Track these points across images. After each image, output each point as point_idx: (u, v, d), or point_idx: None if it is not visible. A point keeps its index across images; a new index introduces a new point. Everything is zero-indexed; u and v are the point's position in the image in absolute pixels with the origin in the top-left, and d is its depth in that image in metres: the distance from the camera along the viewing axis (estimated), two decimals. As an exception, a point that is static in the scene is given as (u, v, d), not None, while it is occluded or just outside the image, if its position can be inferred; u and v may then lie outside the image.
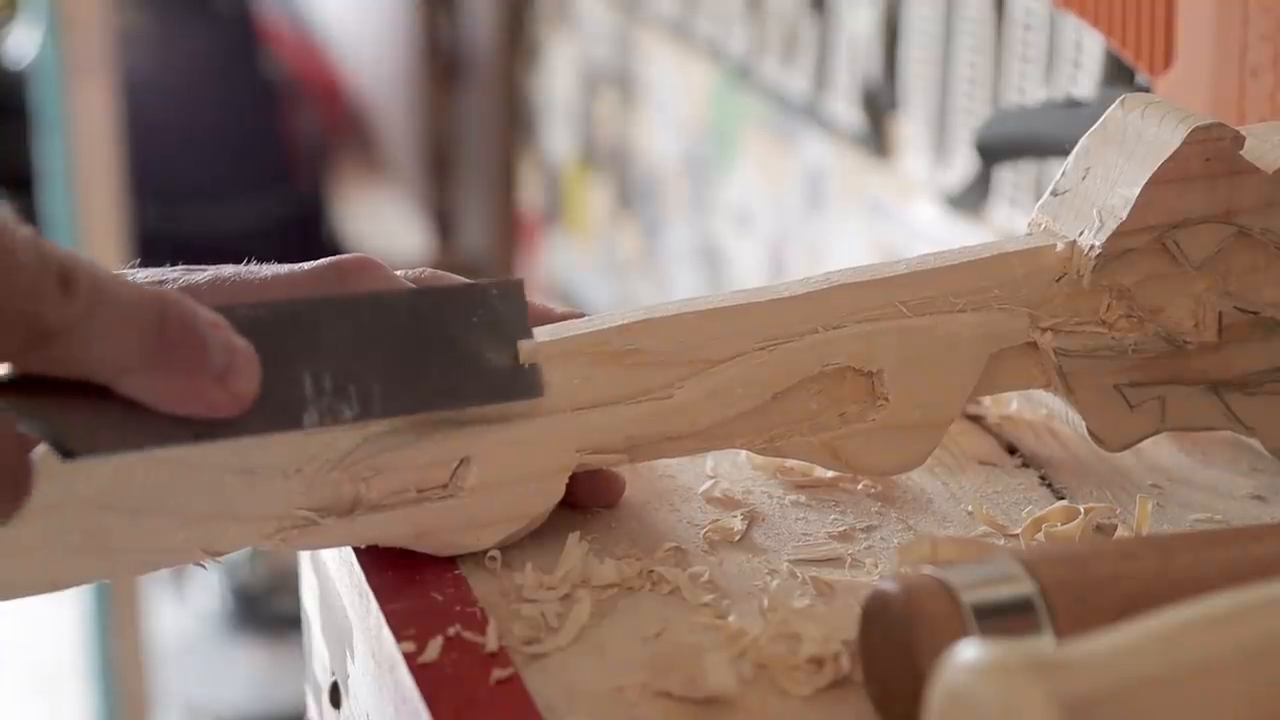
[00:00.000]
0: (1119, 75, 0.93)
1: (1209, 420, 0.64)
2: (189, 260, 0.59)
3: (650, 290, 1.71)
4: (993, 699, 0.39)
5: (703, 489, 0.63)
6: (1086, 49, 0.97)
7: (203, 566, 0.56)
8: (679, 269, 1.64)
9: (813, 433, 0.61)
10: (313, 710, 0.67)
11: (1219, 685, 0.40)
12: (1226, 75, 0.74)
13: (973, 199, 1.10)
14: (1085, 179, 0.62)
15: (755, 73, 1.42)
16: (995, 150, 0.99)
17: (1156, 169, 0.60)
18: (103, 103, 1.82)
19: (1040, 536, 0.60)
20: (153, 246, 1.71)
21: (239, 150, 2.63)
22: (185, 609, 2.31)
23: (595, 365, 0.58)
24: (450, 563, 0.58)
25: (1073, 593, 0.48)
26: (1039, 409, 0.69)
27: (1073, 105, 0.93)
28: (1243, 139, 0.61)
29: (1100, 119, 0.63)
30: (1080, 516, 0.60)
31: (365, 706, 0.58)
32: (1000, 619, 0.47)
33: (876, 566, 0.59)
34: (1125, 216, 0.60)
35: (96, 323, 0.44)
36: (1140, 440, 0.64)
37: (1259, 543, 0.52)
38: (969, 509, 0.62)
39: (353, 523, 0.56)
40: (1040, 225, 0.64)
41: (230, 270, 0.57)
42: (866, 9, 1.23)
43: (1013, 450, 0.67)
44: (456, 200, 2.40)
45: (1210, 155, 0.60)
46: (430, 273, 0.60)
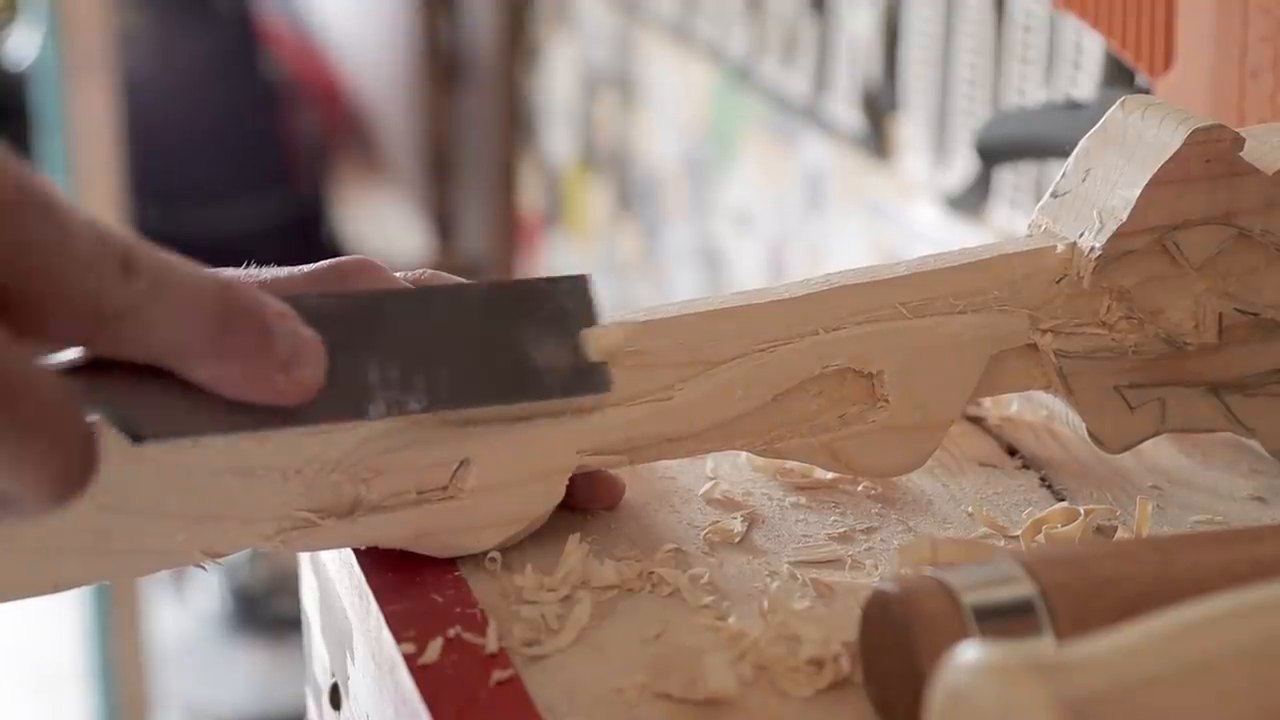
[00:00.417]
0: (1119, 77, 0.93)
1: (1209, 422, 0.64)
2: (188, 262, 0.59)
3: (650, 292, 1.71)
4: (993, 700, 0.39)
5: (703, 490, 0.63)
6: (1086, 50, 0.97)
7: (203, 568, 0.56)
8: (679, 270, 1.64)
9: (813, 434, 0.61)
10: (313, 712, 0.67)
11: (1220, 686, 0.40)
12: (1226, 77, 0.74)
13: (973, 200, 1.10)
14: (1085, 180, 0.62)
15: (755, 74, 1.42)
16: (995, 152, 0.99)
17: (1157, 170, 0.60)
18: (102, 104, 1.82)
19: (1040, 538, 0.60)
20: (153, 248, 1.70)
21: (239, 151, 2.63)
22: (185, 610, 2.31)
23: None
24: (450, 564, 0.58)
25: (1073, 594, 0.48)
26: (1039, 410, 0.69)
27: (1073, 107, 0.93)
28: (1243, 140, 0.61)
29: (1100, 120, 0.63)
30: (1080, 518, 0.60)
31: (365, 708, 0.58)
32: (1000, 620, 0.47)
33: (877, 568, 0.59)
34: (1125, 218, 0.60)
35: (159, 306, 0.44)
36: (1140, 442, 0.64)
37: (1259, 544, 0.52)
38: (969, 510, 0.62)
39: (353, 524, 0.56)
40: (1040, 227, 0.64)
41: (229, 272, 0.57)
42: (866, 10, 1.23)
43: (1013, 452, 0.67)
44: (456, 202, 2.40)
45: (1210, 157, 0.60)
46: (430, 273, 0.60)
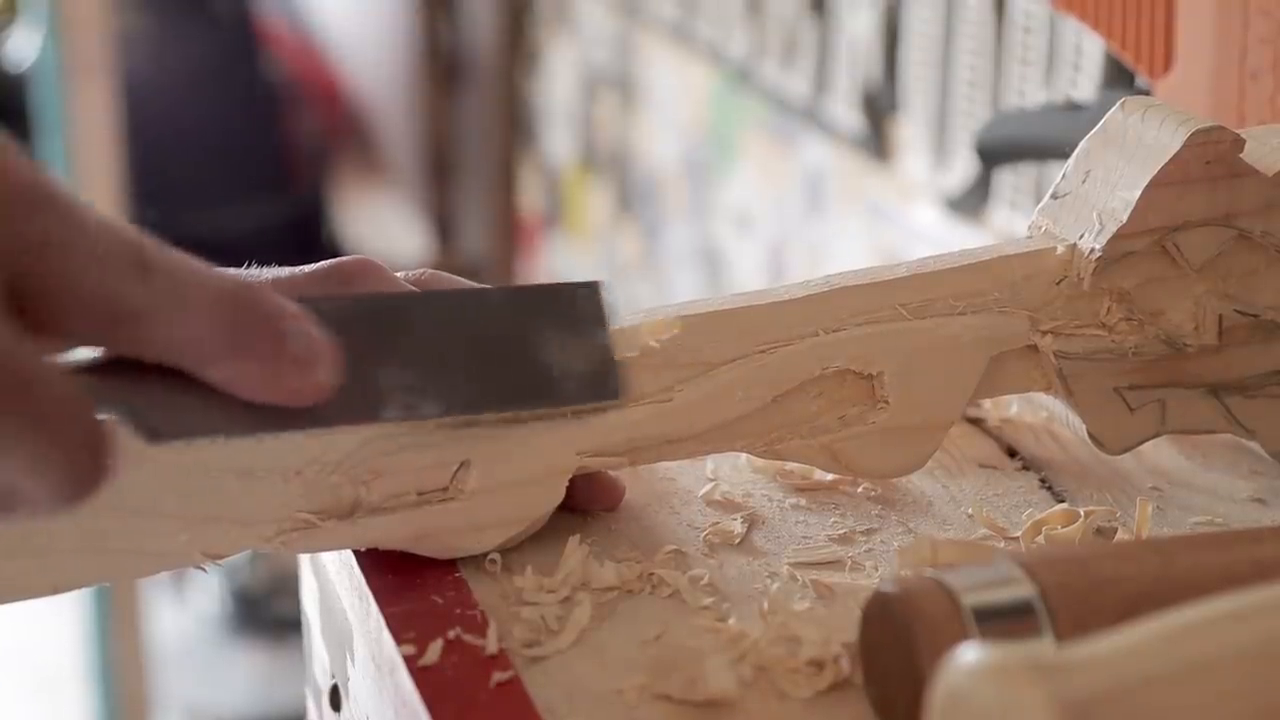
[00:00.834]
0: (1119, 78, 0.93)
1: (1209, 423, 0.64)
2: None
3: (650, 293, 1.71)
4: (993, 701, 0.39)
5: (703, 492, 0.63)
6: (1086, 52, 0.97)
7: (203, 569, 0.56)
8: (679, 271, 1.64)
9: (813, 435, 0.61)
10: (313, 713, 0.67)
11: (1220, 687, 0.40)
12: (1226, 78, 0.74)
13: (973, 202, 1.10)
14: (1085, 182, 0.62)
15: (755, 75, 1.42)
16: (995, 153, 0.99)
17: (1157, 172, 0.60)
18: (102, 105, 1.82)
19: (1040, 539, 0.60)
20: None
21: (239, 153, 2.63)
22: (185, 611, 2.31)
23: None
24: (450, 565, 0.58)
25: (1073, 595, 0.48)
26: (1039, 412, 0.69)
27: (1073, 108, 0.93)
28: (1242, 142, 0.61)
29: (1100, 122, 0.63)
30: (1080, 519, 0.60)
31: (365, 709, 0.58)
32: (1000, 621, 0.47)
33: (876, 569, 0.59)
34: (1125, 219, 0.60)
35: (174, 306, 0.44)
36: (1140, 443, 0.64)
37: (1259, 545, 0.52)
38: (969, 512, 0.62)
39: (353, 525, 0.56)
40: (1040, 228, 0.64)
41: (230, 273, 0.57)
42: (866, 11, 1.23)
43: (1013, 453, 0.67)
44: (456, 203, 2.40)
45: (1210, 158, 0.60)
46: (431, 274, 0.60)
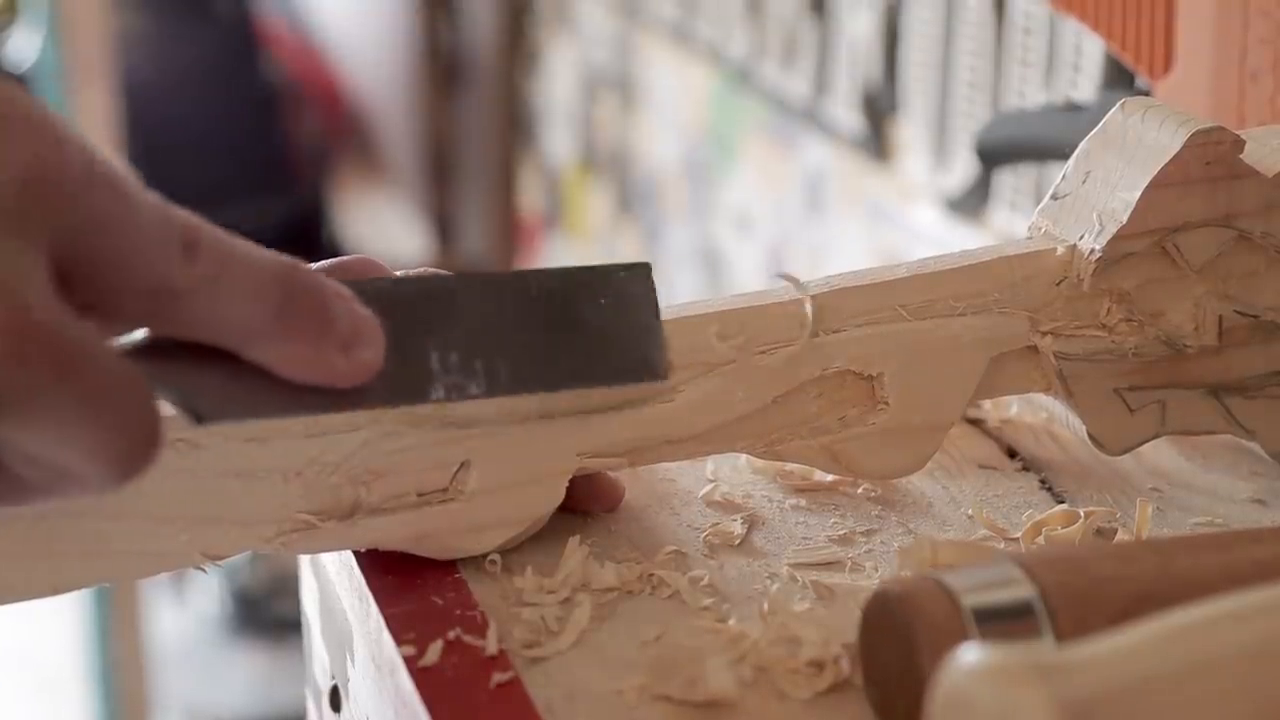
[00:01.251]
0: (1119, 79, 0.93)
1: (1209, 424, 0.64)
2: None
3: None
4: (993, 702, 0.39)
5: (703, 492, 0.63)
6: (1086, 52, 0.97)
7: (203, 570, 0.56)
8: (679, 272, 1.64)
9: (813, 436, 0.61)
10: (313, 714, 0.67)
11: (1220, 687, 0.40)
12: (1226, 79, 0.74)
13: (973, 202, 1.10)
14: (1085, 183, 0.62)
15: (755, 76, 1.42)
16: (995, 154, 0.99)
17: (1157, 173, 0.60)
18: (102, 106, 1.82)
19: (1040, 540, 0.60)
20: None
21: (239, 153, 2.63)
22: (185, 612, 2.31)
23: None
24: (450, 566, 0.58)
25: (1073, 596, 0.48)
26: (1039, 412, 0.69)
27: (1073, 109, 0.93)
28: (1242, 143, 0.61)
29: (1100, 123, 0.63)
30: (1080, 520, 0.60)
31: (365, 710, 0.58)
32: (1000, 622, 0.47)
33: (876, 570, 0.59)
34: (1125, 220, 0.60)
35: (221, 285, 0.44)
36: (1140, 444, 0.64)
37: (1259, 546, 0.52)
38: (969, 512, 0.62)
39: (353, 526, 0.56)
40: (1040, 229, 0.64)
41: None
42: (866, 12, 1.23)
43: (1013, 454, 0.67)
44: (457, 204, 2.40)
45: (1210, 159, 0.60)
46: (432, 273, 0.60)
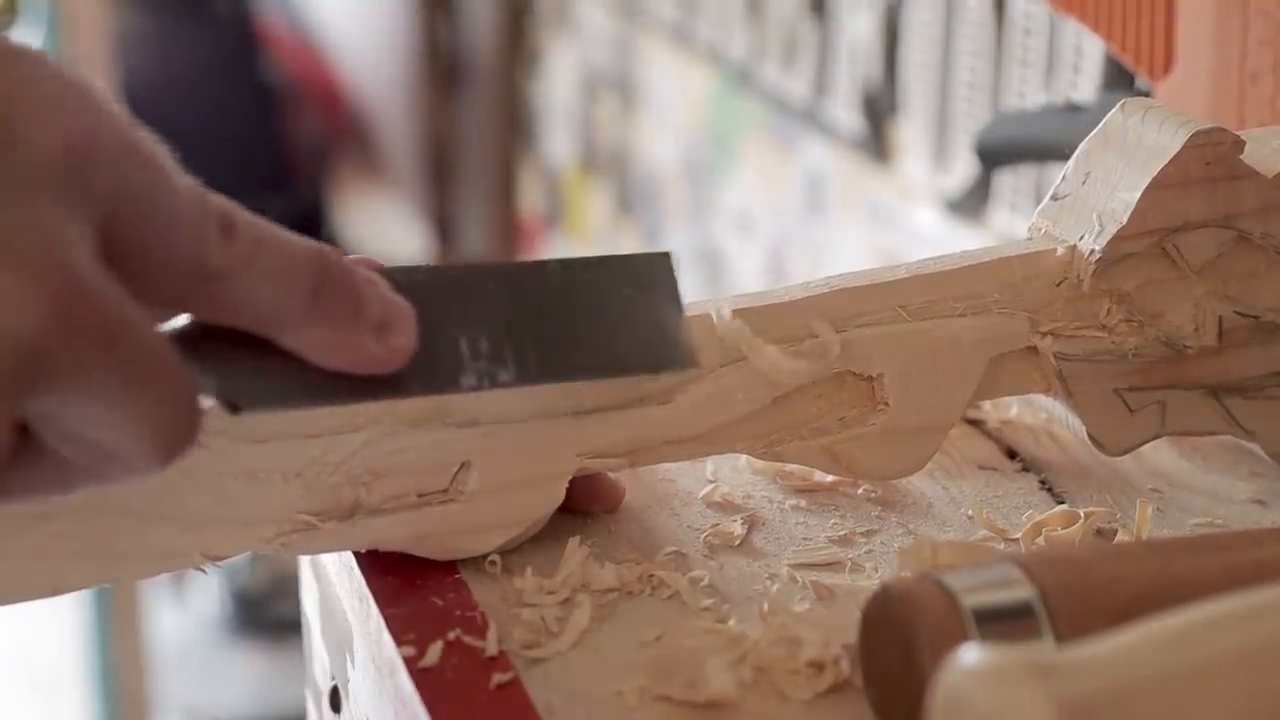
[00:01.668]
0: (1119, 80, 0.93)
1: (1209, 424, 0.64)
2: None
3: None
4: (993, 702, 0.39)
5: (703, 493, 0.63)
6: (1086, 53, 0.97)
7: (203, 570, 0.56)
8: (679, 273, 1.64)
9: (813, 437, 0.61)
10: (313, 714, 0.67)
11: (1219, 688, 0.40)
12: (1226, 80, 0.74)
13: (973, 203, 1.10)
14: (1085, 183, 0.62)
15: (755, 77, 1.42)
16: (995, 155, 0.99)
17: (1156, 173, 0.60)
18: (103, 107, 1.81)
19: (1040, 541, 0.60)
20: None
21: (238, 154, 2.63)
22: (185, 613, 2.31)
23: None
24: (450, 567, 0.58)
25: (1073, 596, 0.48)
26: (1039, 413, 0.69)
27: (1072, 110, 0.93)
28: (1242, 143, 0.61)
29: (1100, 123, 0.63)
30: (1080, 521, 0.60)
31: (365, 711, 0.58)
32: (1000, 623, 0.47)
33: (876, 570, 0.59)
34: (1125, 221, 0.60)
35: (256, 269, 0.44)
36: (1140, 444, 0.64)
37: (1259, 547, 0.52)
38: (969, 513, 0.62)
39: (353, 527, 0.56)
40: (1040, 230, 0.64)
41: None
42: (866, 13, 1.23)
43: (1013, 454, 0.67)
44: (456, 204, 2.40)
45: (1210, 160, 0.60)
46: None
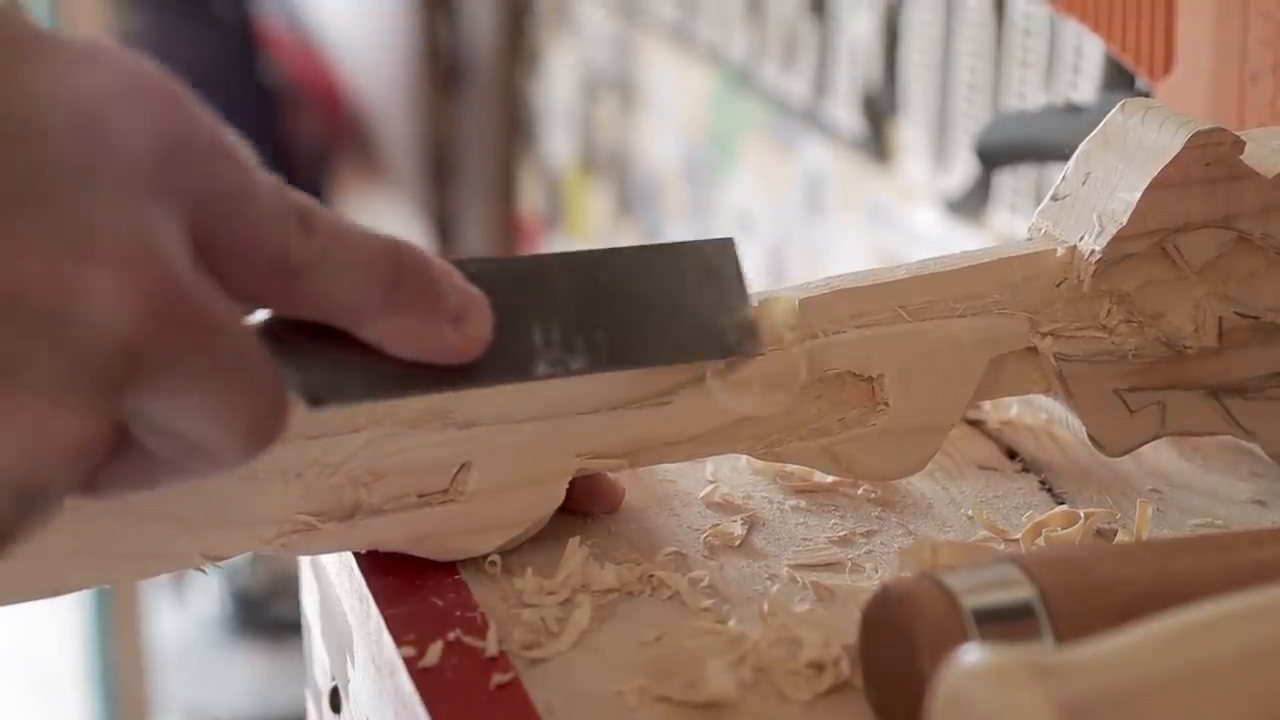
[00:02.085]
0: (1119, 80, 0.93)
1: (1209, 425, 0.64)
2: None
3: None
4: (993, 703, 0.39)
5: (703, 494, 0.63)
6: (1086, 54, 0.97)
7: (203, 571, 0.56)
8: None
9: (813, 437, 0.61)
10: (313, 715, 0.67)
11: (1219, 689, 0.40)
12: (1226, 80, 0.74)
13: (973, 204, 1.10)
14: (1085, 184, 0.62)
15: (755, 77, 1.42)
16: (995, 155, 0.99)
17: (1157, 174, 0.60)
18: (103, 107, 1.82)
19: (1040, 541, 0.60)
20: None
21: (239, 155, 2.62)
22: (185, 613, 2.31)
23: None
24: (450, 567, 0.58)
25: (1073, 597, 0.48)
26: (1039, 414, 0.69)
27: (1073, 110, 0.93)
28: (1242, 144, 0.61)
29: (1100, 124, 0.63)
30: (1080, 521, 0.60)
31: (365, 711, 0.58)
32: (1000, 623, 0.47)
33: (876, 571, 0.59)
34: (1125, 221, 0.60)
35: (335, 262, 0.44)
36: (1140, 445, 0.64)
37: (1259, 547, 0.52)
38: (969, 513, 0.62)
39: (353, 527, 0.56)
40: (1040, 230, 0.64)
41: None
42: (867, 13, 1.23)
43: (1013, 455, 0.67)
44: (456, 205, 2.40)
45: (1210, 160, 0.60)
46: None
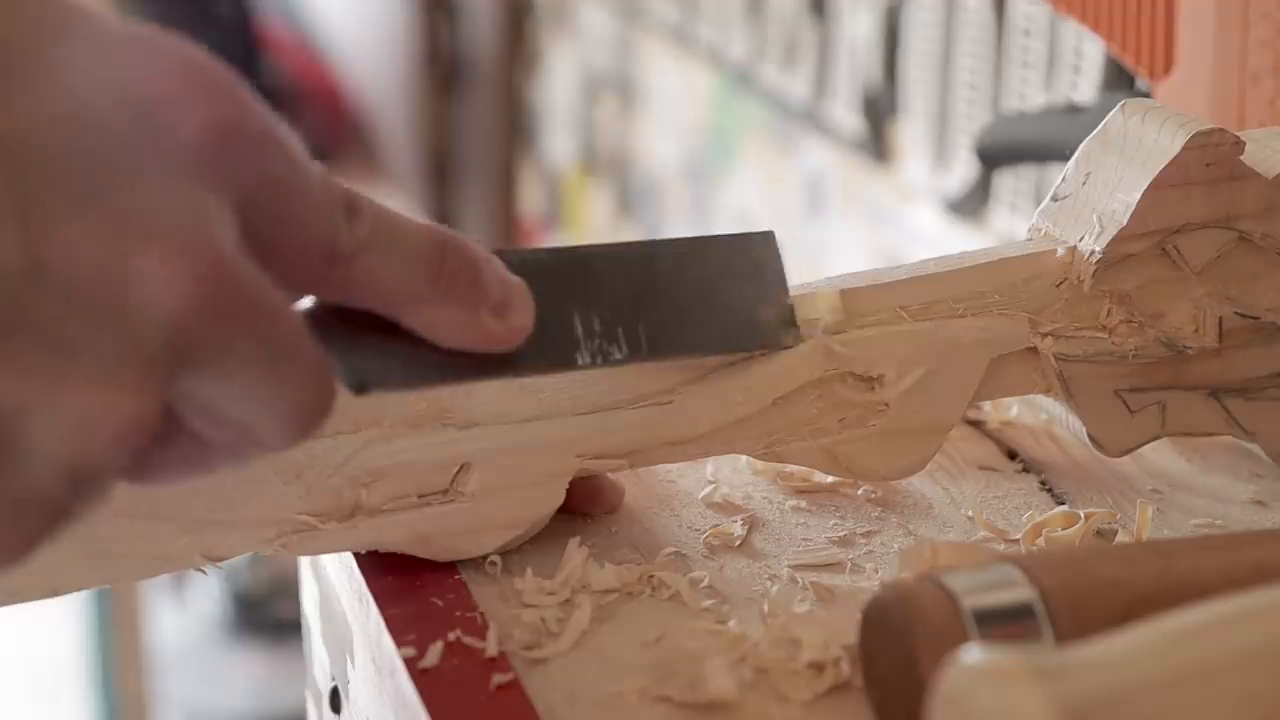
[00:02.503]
0: (1119, 80, 0.93)
1: (1209, 425, 0.64)
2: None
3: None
4: (993, 704, 0.39)
5: (703, 494, 0.63)
6: (1086, 54, 0.97)
7: (203, 572, 0.56)
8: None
9: (813, 438, 0.61)
10: (313, 715, 0.67)
11: (1220, 690, 0.40)
12: (1227, 80, 0.74)
13: (973, 204, 1.10)
14: (1085, 184, 0.62)
15: (755, 78, 1.42)
16: (995, 155, 0.99)
17: (1157, 174, 0.60)
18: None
19: (1040, 542, 0.60)
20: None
21: (239, 155, 2.62)
22: (185, 614, 2.31)
23: (596, 369, 0.58)
24: (450, 568, 0.58)
25: (1073, 598, 0.48)
26: (1039, 414, 0.69)
27: (1073, 110, 0.92)
28: (1243, 144, 0.61)
29: (1100, 124, 0.63)
30: (1080, 522, 0.60)
31: (365, 711, 0.58)
32: (1001, 624, 0.47)
33: (877, 572, 0.59)
34: (1126, 222, 0.60)
35: (381, 248, 0.45)
36: (1140, 445, 0.64)
37: (1259, 548, 0.52)
38: (969, 514, 0.62)
39: (353, 527, 0.56)
40: (1041, 230, 0.64)
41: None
42: (867, 14, 1.23)
43: (1013, 455, 0.67)
44: (457, 206, 2.40)
45: (1210, 160, 0.60)
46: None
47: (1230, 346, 0.63)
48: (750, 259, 0.58)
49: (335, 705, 0.62)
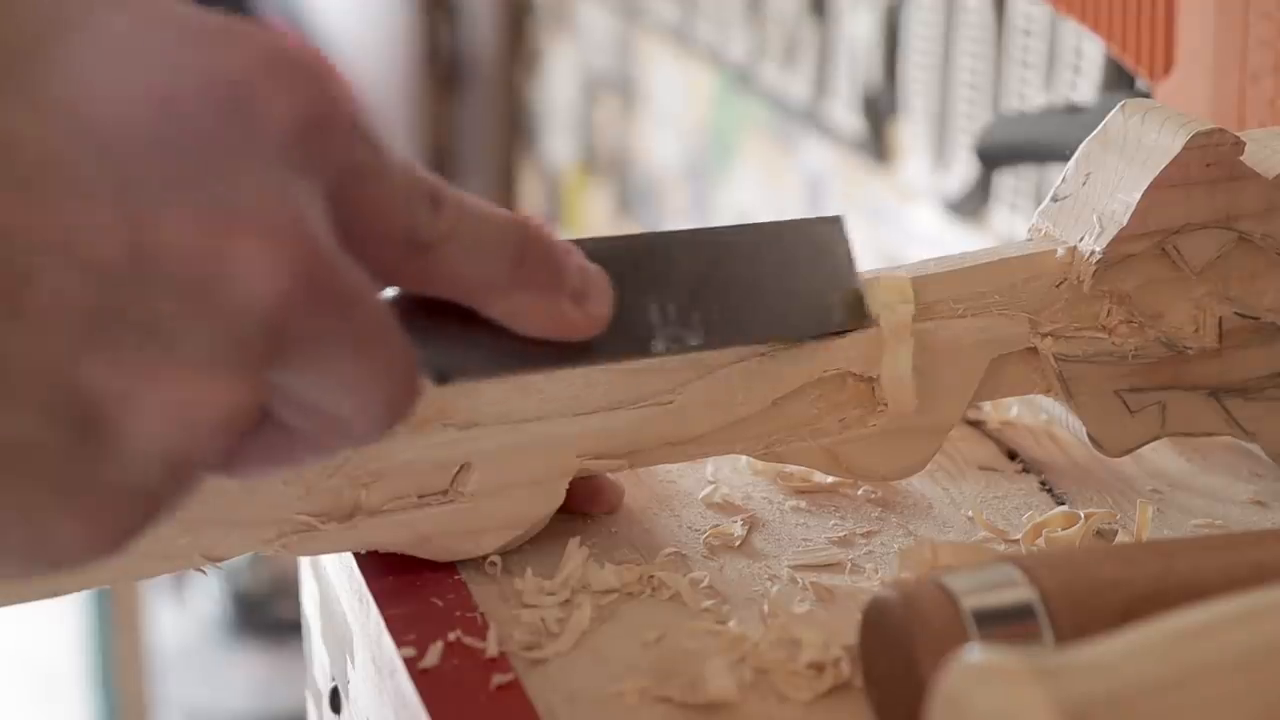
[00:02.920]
0: (1119, 80, 0.93)
1: (1209, 425, 0.64)
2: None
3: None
4: (993, 704, 0.39)
5: (703, 494, 0.63)
6: (1086, 54, 0.97)
7: (203, 572, 0.56)
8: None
9: (813, 438, 0.61)
10: (313, 715, 0.67)
11: (1220, 690, 0.40)
12: (1227, 80, 0.74)
13: (973, 204, 1.10)
14: (1085, 184, 0.62)
15: (756, 78, 1.42)
16: (995, 155, 0.99)
17: (1157, 174, 0.60)
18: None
19: (1040, 542, 0.60)
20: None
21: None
22: (185, 614, 2.31)
23: (596, 369, 0.58)
24: (450, 568, 0.58)
25: (1073, 598, 0.48)
26: (1039, 414, 0.69)
27: (1073, 110, 0.93)
28: (1243, 144, 0.61)
29: (1100, 124, 0.63)
30: (1080, 522, 0.60)
31: (365, 712, 0.58)
32: (1001, 624, 0.47)
33: (877, 572, 0.59)
34: (1126, 222, 0.60)
35: (463, 239, 0.45)
36: (1140, 445, 0.64)
37: (1259, 548, 0.52)
38: (969, 514, 0.62)
39: (353, 528, 0.56)
40: (1041, 231, 0.64)
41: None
42: (867, 14, 1.23)
43: (1013, 455, 0.67)
44: (457, 205, 2.40)
45: (1211, 160, 0.60)
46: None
47: (1230, 346, 0.63)
48: (820, 244, 0.58)
49: (335, 705, 0.62)
